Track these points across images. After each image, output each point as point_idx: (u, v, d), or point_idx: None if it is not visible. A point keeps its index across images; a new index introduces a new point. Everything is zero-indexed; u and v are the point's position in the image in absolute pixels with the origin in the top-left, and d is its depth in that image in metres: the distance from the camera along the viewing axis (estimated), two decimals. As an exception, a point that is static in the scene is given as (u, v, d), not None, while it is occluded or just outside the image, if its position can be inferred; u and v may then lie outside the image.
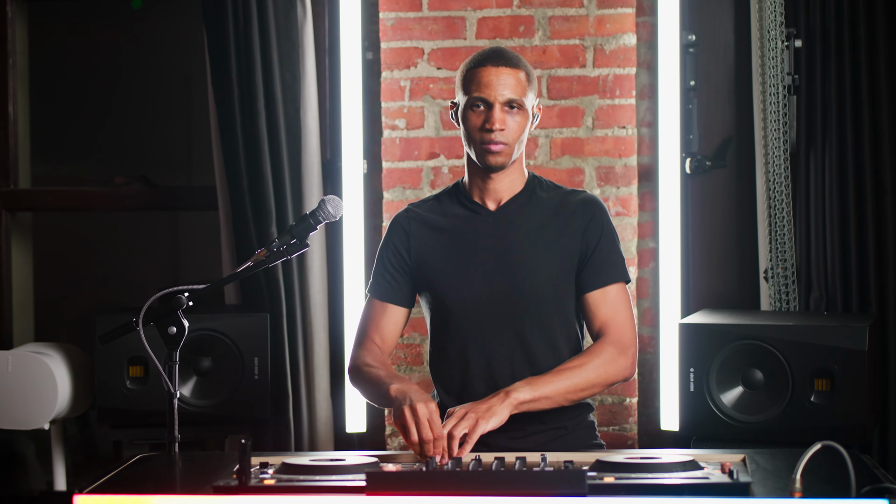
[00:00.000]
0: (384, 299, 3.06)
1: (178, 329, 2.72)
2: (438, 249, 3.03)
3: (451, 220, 3.05)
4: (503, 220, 3.01)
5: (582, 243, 2.98)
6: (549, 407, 2.82)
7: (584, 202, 3.02)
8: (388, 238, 3.10)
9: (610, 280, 2.98)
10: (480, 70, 2.92)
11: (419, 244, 3.05)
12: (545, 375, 2.84)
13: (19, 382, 3.88)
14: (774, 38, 3.87)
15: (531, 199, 3.02)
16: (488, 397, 2.74)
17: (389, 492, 2.18)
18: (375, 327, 3.07)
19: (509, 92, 2.91)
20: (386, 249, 3.09)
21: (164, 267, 5.80)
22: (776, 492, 2.25)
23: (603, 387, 2.91)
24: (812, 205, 3.88)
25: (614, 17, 4.04)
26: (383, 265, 3.08)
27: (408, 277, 3.06)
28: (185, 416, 3.38)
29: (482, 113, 2.92)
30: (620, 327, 2.96)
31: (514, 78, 2.92)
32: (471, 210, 3.04)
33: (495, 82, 2.91)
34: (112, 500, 2.25)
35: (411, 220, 3.08)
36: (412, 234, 3.06)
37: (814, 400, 3.35)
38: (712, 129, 4.15)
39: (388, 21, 4.11)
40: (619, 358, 2.91)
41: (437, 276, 3.02)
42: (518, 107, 2.92)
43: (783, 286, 3.90)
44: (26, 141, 4.62)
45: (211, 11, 4.05)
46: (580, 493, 2.15)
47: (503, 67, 2.92)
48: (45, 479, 4.67)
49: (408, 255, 3.06)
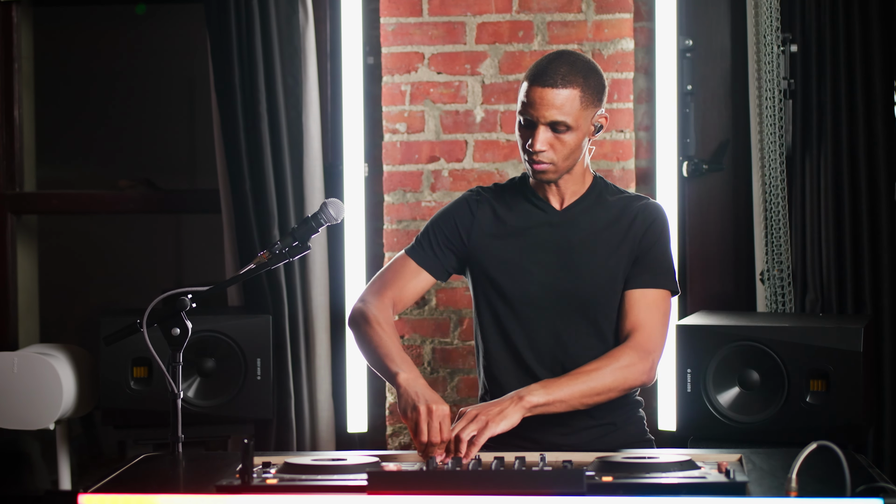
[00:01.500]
0: (422, 265, 3.01)
1: (181, 330, 2.72)
2: (501, 240, 2.99)
3: (516, 214, 3.00)
4: (567, 221, 2.97)
5: (639, 247, 2.94)
6: (563, 410, 2.77)
7: (646, 207, 2.98)
8: (451, 212, 3.04)
9: (653, 284, 2.93)
10: (531, 88, 2.84)
11: (482, 230, 3.01)
12: (561, 378, 2.79)
13: (25, 383, 3.88)
14: (770, 43, 3.87)
15: (596, 202, 2.99)
16: (502, 399, 2.71)
17: (390, 491, 2.18)
18: (401, 285, 3.01)
19: (554, 113, 2.83)
20: (444, 221, 3.04)
21: (167, 269, 5.80)
22: (772, 491, 2.25)
23: (620, 391, 2.85)
24: (808, 207, 3.88)
25: (612, 23, 4.04)
26: (434, 234, 3.03)
27: (455, 256, 3.02)
28: (189, 417, 3.38)
29: (528, 131, 2.87)
30: (648, 332, 2.90)
31: (563, 98, 2.83)
32: (537, 206, 3.00)
33: (539, 103, 2.83)
34: (116, 500, 2.25)
35: (480, 204, 3.03)
36: (478, 217, 3.02)
37: (809, 400, 3.35)
38: (709, 132, 4.15)
39: (388, 26, 4.11)
40: (639, 363, 2.85)
41: (496, 267, 2.97)
42: (566, 127, 2.84)
43: (779, 288, 3.90)
44: (31, 144, 4.62)
45: (214, 17, 4.05)
46: (579, 493, 2.15)
47: (550, 88, 2.82)
48: (51, 479, 4.67)
49: (467, 236, 3.01)
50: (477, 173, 4.09)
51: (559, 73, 2.83)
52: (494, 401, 2.72)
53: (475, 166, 4.10)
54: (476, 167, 4.10)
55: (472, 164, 4.10)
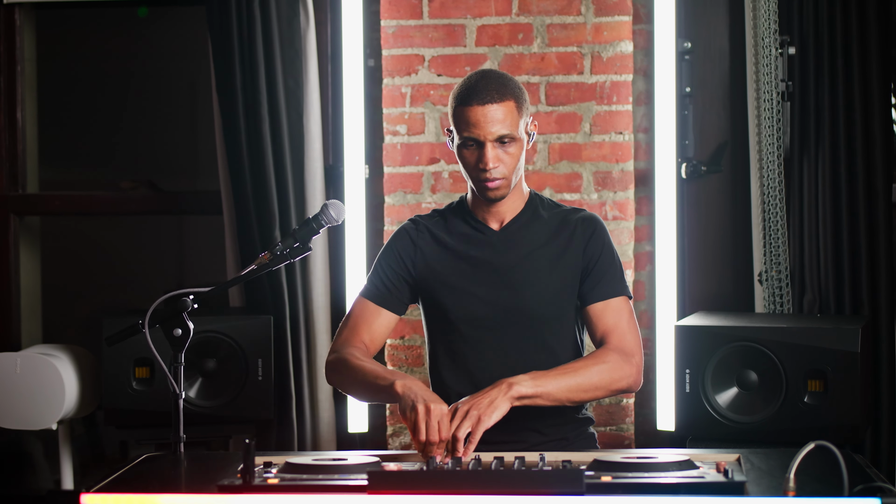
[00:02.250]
0: (380, 304, 3.05)
1: (183, 331, 2.72)
2: (444, 265, 3.02)
3: (456, 237, 3.04)
4: (506, 240, 3.01)
5: (583, 259, 2.97)
6: (548, 404, 2.79)
7: (584, 220, 3.02)
8: (393, 245, 3.08)
9: (611, 293, 2.97)
10: (468, 109, 2.87)
11: (425, 257, 3.04)
12: (549, 372, 2.81)
13: (27, 383, 3.88)
14: (768, 46, 3.87)
15: (533, 219, 3.02)
16: (490, 388, 2.71)
17: (391, 491, 2.19)
18: (367, 328, 3.04)
19: (499, 128, 2.87)
20: (389, 255, 3.07)
21: (169, 270, 5.81)
22: (770, 491, 2.26)
23: (606, 391, 2.87)
24: (805, 209, 3.88)
25: (611, 25, 4.04)
26: (384, 270, 3.07)
27: (407, 286, 3.06)
28: (190, 417, 3.37)
29: (475, 151, 2.89)
30: (622, 335, 2.94)
31: (503, 111, 2.87)
32: (475, 229, 3.03)
33: (483, 121, 2.86)
34: (118, 499, 2.25)
35: (420, 233, 3.07)
36: (420, 246, 3.05)
37: (807, 400, 3.35)
38: (707, 134, 4.15)
39: (389, 29, 4.12)
40: (625, 365, 2.88)
41: (442, 291, 3.01)
42: (511, 139, 2.88)
43: (777, 289, 3.90)
44: (34, 146, 4.63)
45: (216, 20, 4.05)
46: (578, 493, 2.15)
47: (489, 105, 2.86)
48: (53, 479, 4.67)
49: (412, 266, 3.05)
50: (477, 175, 4.09)
51: (492, 88, 2.88)
52: (483, 391, 2.71)
53: (475, 168, 4.09)
54: (476, 169, 4.09)
55: (472, 166, 4.09)
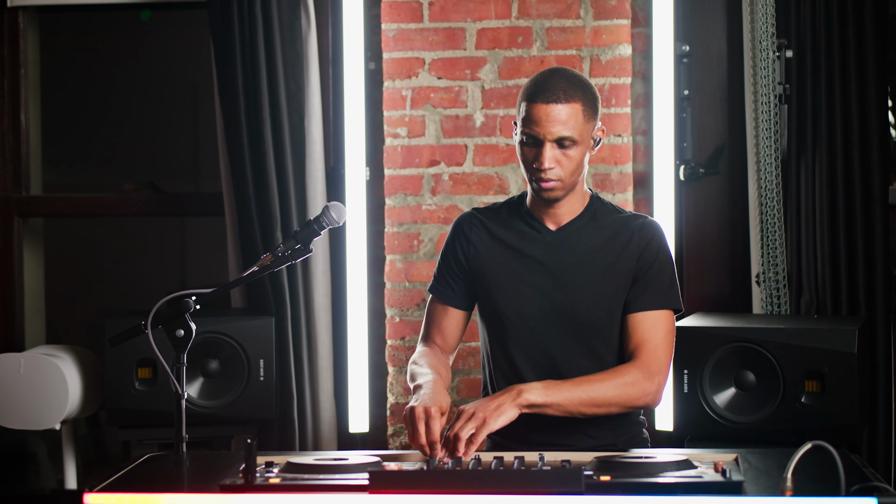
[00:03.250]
0: (444, 301, 3.04)
1: (185, 332, 2.72)
2: (498, 261, 2.98)
3: (512, 234, 2.99)
4: (562, 242, 2.95)
5: (637, 267, 2.92)
6: (558, 414, 2.76)
7: (642, 227, 2.96)
8: (451, 240, 3.05)
9: (652, 305, 2.91)
10: (532, 106, 2.80)
11: (479, 252, 3.01)
12: (564, 382, 2.78)
13: (31, 384, 3.88)
14: (766, 49, 3.88)
15: (591, 222, 2.97)
16: (500, 393, 2.71)
17: (392, 490, 2.19)
18: (437, 328, 3.04)
19: (561, 128, 2.80)
20: (448, 251, 3.05)
21: (171, 271, 5.81)
22: (768, 490, 2.26)
23: (621, 407, 2.83)
24: (803, 211, 3.88)
25: (610, 29, 4.05)
26: (445, 267, 3.05)
27: (466, 282, 3.03)
28: (193, 417, 3.38)
29: (533, 149, 2.83)
30: (652, 352, 2.88)
31: (568, 112, 2.80)
32: (532, 228, 2.98)
33: (545, 120, 2.79)
34: (121, 499, 2.26)
35: (474, 227, 3.03)
36: (473, 240, 3.02)
37: (804, 401, 3.35)
38: (705, 137, 4.15)
39: (389, 32, 4.12)
40: (644, 382, 2.83)
41: (493, 288, 2.97)
42: (571, 142, 2.82)
43: (775, 290, 3.90)
44: (38, 149, 4.63)
45: (218, 23, 4.06)
46: (577, 492, 2.15)
47: (554, 105, 2.79)
48: (57, 478, 4.67)
49: (466, 261, 3.02)
50: (477, 177, 4.10)
51: (560, 87, 2.81)
52: (492, 395, 2.71)
53: (475, 170, 4.10)
54: (476, 171, 4.10)
55: (471, 168, 4.10)
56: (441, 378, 2.82)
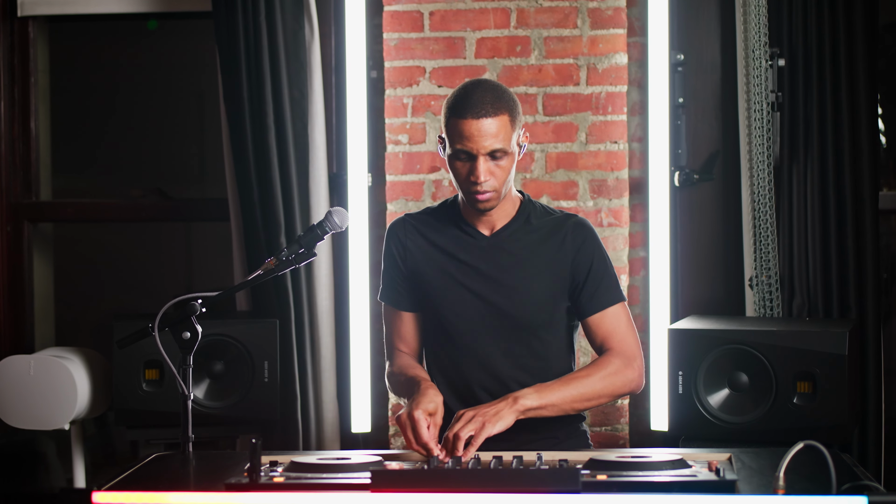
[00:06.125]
0: (396, 306, 3.04)
1: (191, 334, 2.72)
2: (435, 266, 2.98)
3: (447, 240, 2.99)
4: (496, 247, 2.96)
5: (573, 267, 2.93)
6: (555, 414, 2.79)
7: (574, 227, 2.96)
8: (387, 245, 3.06)
9: (606, 303, 2.93)
10: (461, 122, 2.79)
11: (414, 256, 3.01)
12: (553, 383, 2.80)
13: (41, 385, 3.88)
14: (759, 58, 3.88)
15: (524, 225, 2.97)
16: (497, 401, 2.72)
17: (393, 489, 2.19)
18: (397, 334, 3.05)
19: (492, 142, 2.79)
20: (388, 256, 3.06)
21: (178, 275, 5.80)
22: (761, 489, 2.26)
23: (610, 397, 2.86)
24: (795, 216, 3.88)
25: (607, 38, 4.05)
26: (388, 272, 3.05)
27: (409, 284, 3.03)
28: (199, 417, 3.39)
29: (466, 163, 2.83)
30: (622, 340, 2.92)
31: (497, 125, 2.79)
32: (466, 234, 2.98)
33: (477, 135, 2.78)
34: (129, 497, 2.26)
35: (409, 232, 3.03)
36: (408, 245, 3.02)
37: (796, 401, 3.35)
38: (700, 143, 4.16)
39: (391, 41, 4.12)
40: (626, 370, 2.87)
41: (432, 291, 2.98)
42: (503, 153, 2.81)
43: (767, 293, 3.90)
44: (47, 155, 4.63)
45: (223, 32, 4.06)
46: (574, 490, 2.15)
47: (483, 119, 2.77)
48: (66, 478, 4.67)
49: (404, 264, 3.02)
50: (476, 183, 4.09)
51: (487, 101, 2.79)
52: (490, 403, 2.72)
53: (474, 176, 4.10)
54: (475, 177, 4.10)
55: (471, 174, 4.10)
56: (424, 373, 2.85)
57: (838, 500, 2.08)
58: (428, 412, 2.65)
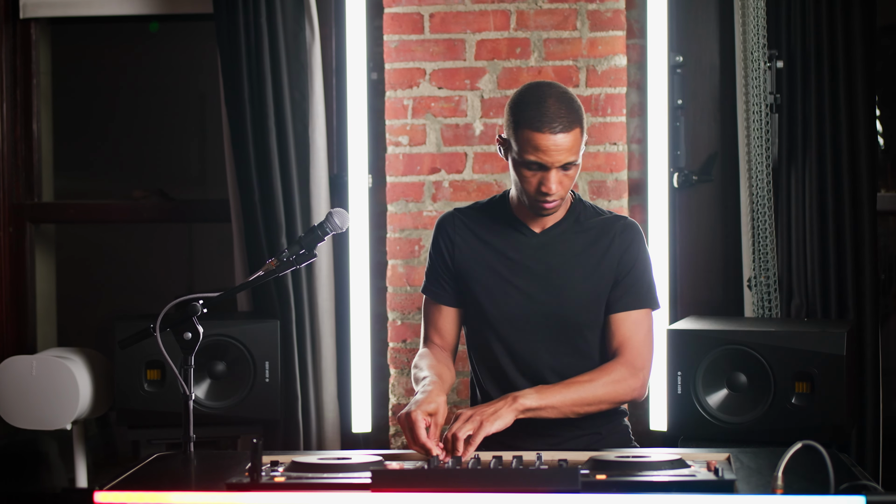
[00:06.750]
0: (436, 301, 3.04)
1: (193, 334, 2.72)
2: (482, 263, 2.99)
3: (496, 234, 2.99)
4: (547, 245, 2.96)
5: (618, 268, 2.94)
6: (553, 416, 2.79)
7: (623, 229, 2.97)
8: (436, 240, 3.05)
9: (633, 305, 2.94)
10: (536, 135, 2.75)
11: (462, 252, 3.01)
12: (555, 385, 2.81)
13: (43, 385, 3.88)
14: (757, 60, 3.88)
15: (574, 225, 2.98)
16: (496, 400, 2.73)
17: (393, 488, 2.19)
18: (434, 328, 3.05)
19: (566, 156, 2.78)
20: (434, 251, 3.06)
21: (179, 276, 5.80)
22: (759, 489, 2.26)
23: (611, 404, 2.87)
24: (793, 217, 3.88)
25: (606, 40, 4.05)
26: (433, 267, 3.05)
27: (454, 280, 3.03)
28: (200, 417, 3.38)
29: (537, 173, 2.81)
30: (636, 349, 2.92)
31: (571, 139, 2.77)
32: (516, 230, 2.98)
33: (553, 150, 2.76)
34: (131, 497, 2.26)
35: (457, 227, 3.04)
36: (456, 241, 3.02)
37: (795, 402, 3.35)
38: (699, 145, 4.16)
39: (391, 43, 4.12)
40: (630, 379, 2.87)
41: (478, 288, 2.98)
42: (574, 165, 2.82)
43: (766, 294, 3.90)
44: (49, 157, 4.63)
45: (224, 34, 4.06)
46: (573, 490, 2.15)
47: (560, 134, 2.75)
48: (68, 477, 4.67)
49: (451, 260, 3.02)
50: (476, 184, 4.10)
51: (561, 115, 2.77)
52: (489, 402, 2.73)
53: (474, 177, 4.10)
54: (475, 178, 4.10)
55: (471, 175, 4.11)
56: (439, 379, 2.83)
57: (836, 500, 2.08)
58: (428, 413, 2.65)
